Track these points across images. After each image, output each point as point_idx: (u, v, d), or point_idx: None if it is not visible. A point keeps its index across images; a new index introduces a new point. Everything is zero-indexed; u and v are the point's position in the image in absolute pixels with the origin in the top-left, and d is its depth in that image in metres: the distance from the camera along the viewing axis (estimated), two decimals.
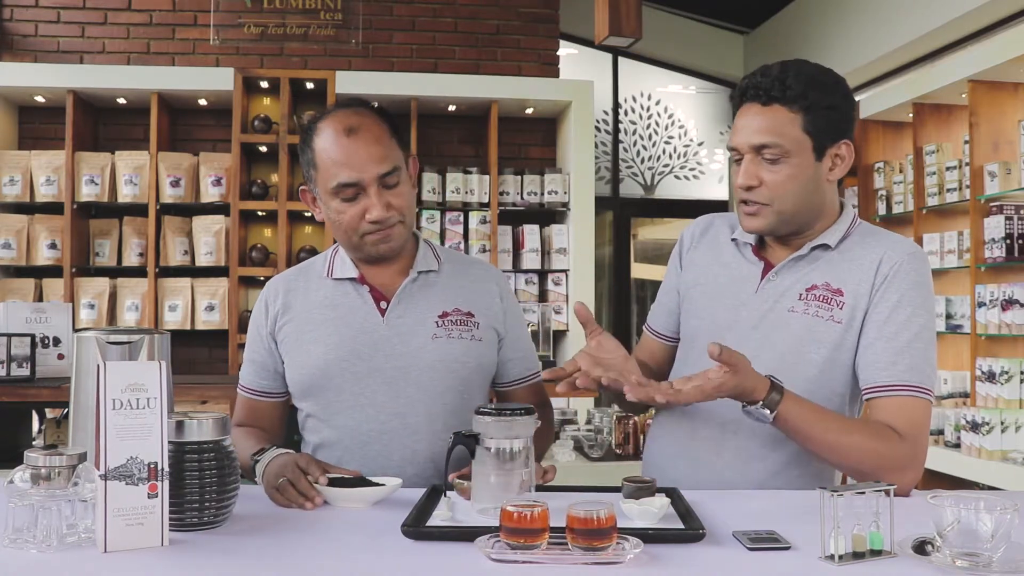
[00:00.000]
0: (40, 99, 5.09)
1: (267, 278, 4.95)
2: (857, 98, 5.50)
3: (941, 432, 4.37)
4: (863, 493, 1.18)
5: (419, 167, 1.85)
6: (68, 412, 1.92)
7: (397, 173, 1.72)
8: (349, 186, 1.68)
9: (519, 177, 5.28)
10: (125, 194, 4.92)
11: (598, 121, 6.72)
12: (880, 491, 1.19)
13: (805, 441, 1.55)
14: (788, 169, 1.62)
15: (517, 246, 5.26)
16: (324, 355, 1.75)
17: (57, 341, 3.13)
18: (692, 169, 6.98)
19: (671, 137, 6.98)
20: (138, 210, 4.97)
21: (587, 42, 6.23)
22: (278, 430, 1.89)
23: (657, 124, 6.96)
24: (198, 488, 1.30)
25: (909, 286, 1.61)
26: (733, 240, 1.78)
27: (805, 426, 1.53)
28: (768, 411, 1.50)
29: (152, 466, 1.22)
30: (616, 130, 6.86)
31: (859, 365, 1.63)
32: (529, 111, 5.42)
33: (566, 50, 5.97)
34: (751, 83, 1.64)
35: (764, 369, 1.64)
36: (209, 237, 4.97)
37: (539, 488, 1.49)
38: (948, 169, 4.56)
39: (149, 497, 1.21)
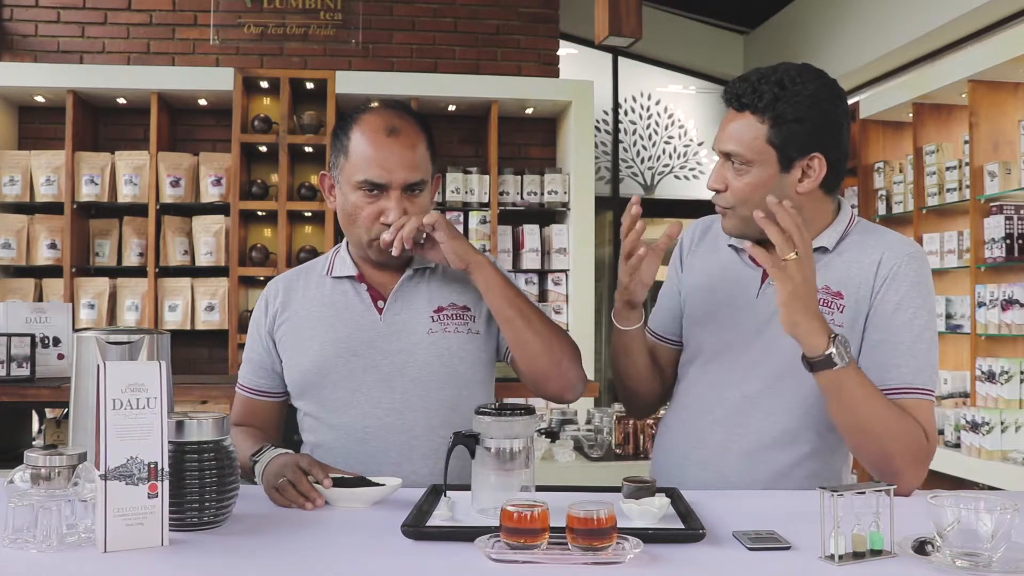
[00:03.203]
0: (40, 99, 5.09)
1: (267, 278, 4.96)
2: (857, 98, 5.51)
3: (941, 432, 4.36)
4: (863, 493, 1.18)
5: (440, 184, 1.86)
6: (68, 412, 1.92)
7: (422, 185, 1.74)
8: (374, 185, 1.70)
9: (519, 177, 5.28)
10: (125, 194, 4.92)
11: (598, 121, 6.72)
12: (880, 491, 1.19)
13: (847, 410, 1.51)
14: (750, 177, 1.62)
15: (517, 246, 5.27)
16: (321, 352, 1.76)
17: (57, 341, 3.12)
18: (692, 169, 6.98)
19: (671, 137, 6.98)
20: (138, 210, 4.97)
21: (587, 42, 6.24)
22: (275, 430, 1.89)
23: (657, 124, 6.96)
24: (198, 488, 1.30)
25: (909, 287, 1.61)
26: (731, 246, 1.77)
27: (860, 394, 1.49)
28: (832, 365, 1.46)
29: (152, 466, 1.22)
30: (616, 130, 6.86)
31: (862, 369, 1.62)
32: (529, 111, 5.42)
33: (566, 50, 5.97)
34: (731, 87, 1.64)
35: (769, 375, 1.64)
36: (209, 237, 4.98)
37: (539, 488, 1.49)
38: (948, 169, 4.56)
39: (149, 497, 1.21)
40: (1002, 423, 3.94)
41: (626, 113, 6.90)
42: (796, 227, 1.45)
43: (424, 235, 1.69)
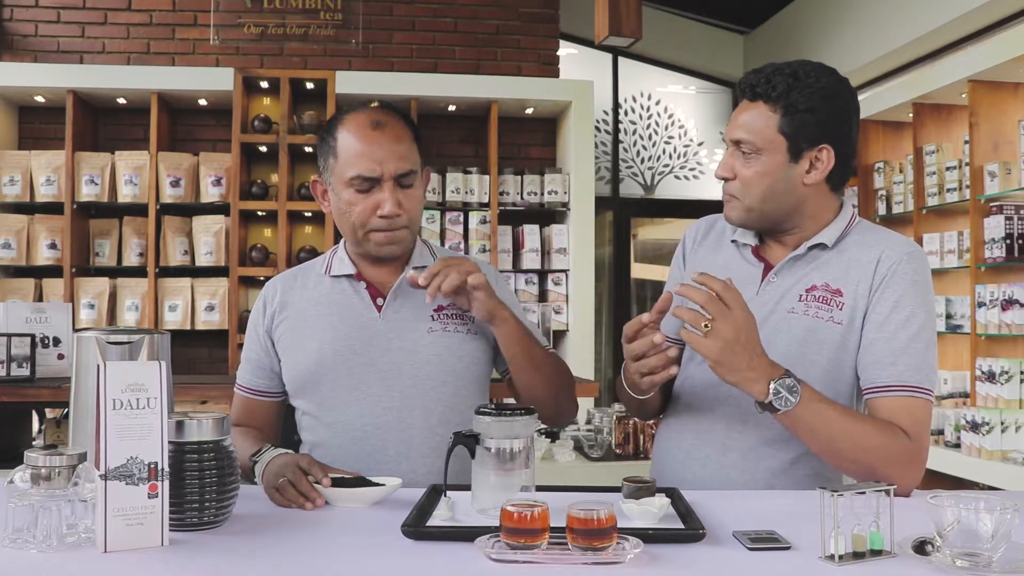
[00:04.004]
0: (40, 99, 5.09)
1: (267, 278, 4.96)
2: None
3: (941, 432, 4.37)
4: (863, 493, 1.18)
5: (430, 178, 1.87)
6: (68, 412, 1.92)
7: (413, 176, 1.75)
8: (366, 179, 1.71)
9: (519, 177, 5.28)
10: (125, 194, 4.93)
11: (598, 121, 6.72)
12: (880, 491, 1.19)
13: (813, 439, 1.53)
14: (759, 166, 1.63)
15: (517, 246, 5.26)
16: (320, 350, 1.76)
17: (57, 341, 3.13)
18: (692, 169, 6.98)
19: (671, 137, 6.98)
20: (138, 210, 4.98)
21: (587, 42, 6.24)
22: (274, 430, 1.89)
23: (657, 124, 6.96)
24: (198, 488, 1.30)
25: (907, 286, 1.61)
26: (733, 241, 1.78)
27: (820, 425, 1.50)
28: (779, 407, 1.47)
29: (152, 466, 1.22)
30: (616, 130, 6.86)
31: (859, 365, 1.63)
32: (529, 111, 5.42)
33: (566, 50, 5.97)
34: (745, 78, 1.68)
35: None
36: (209, 237, 4.98)
37: (539, 488, 1.49)
38: (948, 169, 4.56)
39: (149, 497, 1.21)
40: (1002, 423, 3.94)
41: (626, 113, 6.90)
42: (706, 297, 1.45)
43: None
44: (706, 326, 1.45)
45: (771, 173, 1.63)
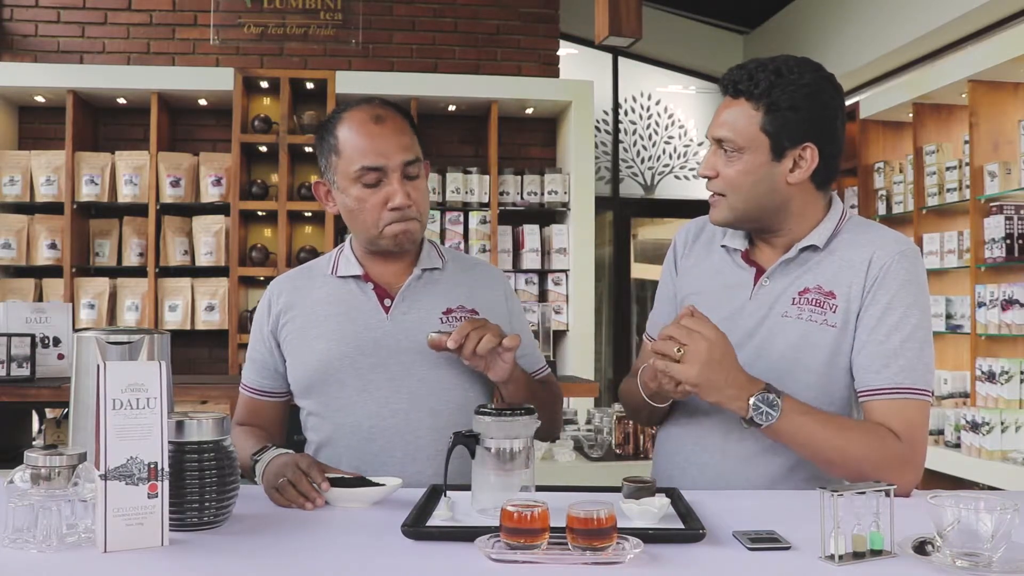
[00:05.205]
0: (40, 99, 5.09)
1: (267, 278, 4.96)
2: (857, 98, 5.51)
3: (941, 432, 4.37)
4: (863, 493, 1.18)
5: (430, 172, 1.87)
6: (68, 412, 1.92)
7: (418, 165, 1.76)
8: (373, 170, 1.71)
9: (519, 177, 5.28)
10: (125, 194, 4.93)
11: (598, 121, 6.72)
12: (880, 491, 1.19)
13: (801, 450, 1.55)
14: (741, 164, 1.61)
15: (517, 246, 5.27)
16: (327, 351, 1.76)
17: (57, 341, 3.13)
18: (692, 169, 6.98)
19: (671, 137, 6.98)
20: (138, 210, 4.98)
21: (587, 42, 6.24)
22: (278, 430, 1.90)
23: (657, 124, 6.96)
24: (198, 488, 1.30)
25: (900, 286, 1.59)
26: (723, 246, 1.77)
27: (804, 437, 1.51)
28: (760, 423, 1.49)
29: (152, 466, 1.22)
30: (616, 130, 6.86)
31: (853, 368, 1.62)
32: (529, 111, 5.42)
33: (566, 50, 5.97)
34: (728, 74, 1.64)
35: (763, 376, 1.62)
36: (209, 237, 4.98)
37: (539, 488, 1.49)
38: (948, 169, 4.56)
39: (149, 497, 1.21)
40: (1002, 423, 3.94)
41: (626, 113, 6.90)
42: (669, 333, 1.48)
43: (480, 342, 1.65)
44: (678, 351, 1.46)
45: (753, 172, 1.61)
